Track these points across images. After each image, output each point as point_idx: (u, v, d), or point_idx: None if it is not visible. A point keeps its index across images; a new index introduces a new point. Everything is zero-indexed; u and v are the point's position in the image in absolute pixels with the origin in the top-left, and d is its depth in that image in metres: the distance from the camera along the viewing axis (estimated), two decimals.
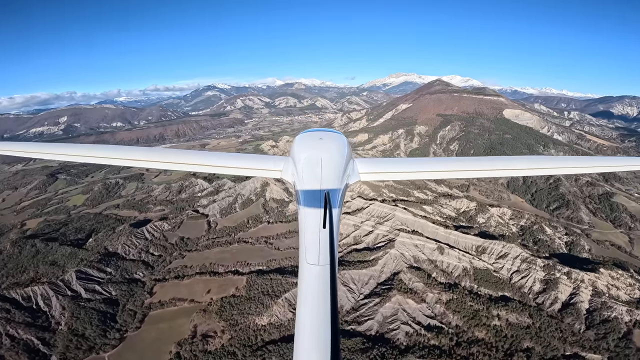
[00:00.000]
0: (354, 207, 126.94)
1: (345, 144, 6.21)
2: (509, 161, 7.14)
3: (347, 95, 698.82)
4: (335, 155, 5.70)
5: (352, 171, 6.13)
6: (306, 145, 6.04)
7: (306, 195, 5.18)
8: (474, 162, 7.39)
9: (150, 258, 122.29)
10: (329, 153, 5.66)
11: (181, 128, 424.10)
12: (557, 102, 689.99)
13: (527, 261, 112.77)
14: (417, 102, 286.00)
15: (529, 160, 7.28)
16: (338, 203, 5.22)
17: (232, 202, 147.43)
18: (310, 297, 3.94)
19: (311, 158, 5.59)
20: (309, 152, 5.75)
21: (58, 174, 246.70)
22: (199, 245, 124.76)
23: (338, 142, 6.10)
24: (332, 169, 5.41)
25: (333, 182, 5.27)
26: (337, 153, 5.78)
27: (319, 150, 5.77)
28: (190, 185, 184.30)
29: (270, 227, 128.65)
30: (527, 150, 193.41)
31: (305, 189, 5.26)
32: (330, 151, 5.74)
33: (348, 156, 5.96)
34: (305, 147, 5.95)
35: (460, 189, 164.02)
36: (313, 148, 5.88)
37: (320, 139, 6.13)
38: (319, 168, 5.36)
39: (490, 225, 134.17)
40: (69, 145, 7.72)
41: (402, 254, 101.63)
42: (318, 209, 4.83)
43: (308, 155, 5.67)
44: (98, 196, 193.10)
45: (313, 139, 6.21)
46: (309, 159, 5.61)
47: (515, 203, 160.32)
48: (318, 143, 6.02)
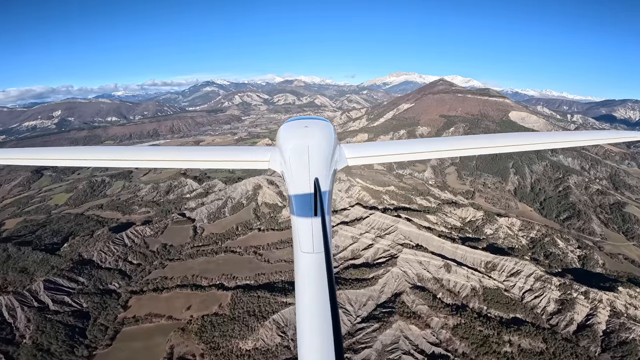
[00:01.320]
0: (353, 217, 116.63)
1: (331, 130, 6.08)
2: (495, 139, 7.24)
3: (347, 94, 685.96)
4: (322, 142, 5.60)
5: (340, 157, 6.04)
6: (292, 133, 5.94)
7: (295, 184, 5.03)
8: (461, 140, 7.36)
9: (128, 267, 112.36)
10: (316, 140, 5.58)
11: (176, 124, 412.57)
12: (559, 105, 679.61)
13: (542, 280, 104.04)
14: (419, 102, 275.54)
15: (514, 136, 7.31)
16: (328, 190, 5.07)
17: (221, 205, 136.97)
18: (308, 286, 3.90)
19: (298, 146, 5.48)
20: (295, 141, 5.64)
21: (44, 169, 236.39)
22: (182, 253, 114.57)
23: (324, 129, 6.00)
24: (320, 156, 5.32)
25: (321, 169, 5.17)
26: (324, 140, 5.67)
27: (305, 138, 5.67)
28: (179, 185, 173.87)
29: (261, 235, 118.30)
30: (535, 155, 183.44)
31: (293, 177, 5.13)
32: (317, 138, 5.65)
33: (334, 142, 5.87)
34: (291, 136, 5.84)
35: (465, 196, 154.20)
36: (299, 136, 5.77)
37: (306, 126, 6.03)
38: (306, 156, 5.26)
39: (498, 237, 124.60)
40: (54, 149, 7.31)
41: (404, 272, 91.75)
42: (308, 197, 4.75)
43: (295, 144, 5.56)
44: (82, 195, 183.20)
45: (299, 126, 6.10)
46: (295, 147, 5.49)
47: (524, 212, 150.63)
48: (304, 131, 5.92)
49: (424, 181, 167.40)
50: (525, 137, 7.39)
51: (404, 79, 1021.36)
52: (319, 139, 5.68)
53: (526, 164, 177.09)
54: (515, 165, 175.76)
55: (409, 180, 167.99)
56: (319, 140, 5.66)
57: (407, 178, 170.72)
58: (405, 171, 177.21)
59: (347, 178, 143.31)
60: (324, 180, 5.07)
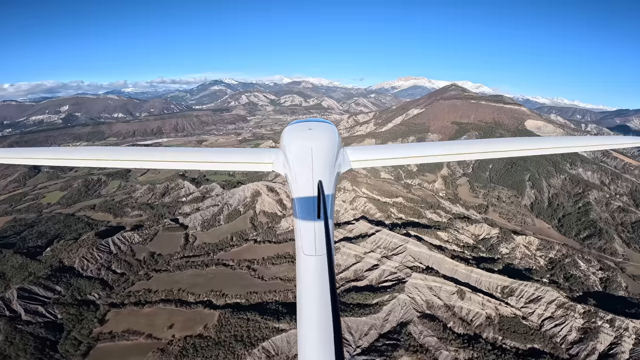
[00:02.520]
0: (357, 232, 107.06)
1: (335, 133, 6.06)
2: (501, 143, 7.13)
3: (355, 97, 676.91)
4: (326, 145, 5.56)
5: (343, 160, 6.03)
6: (296, 135, 5.92)
7: (298, 187, 5.05)
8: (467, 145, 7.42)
9: (111, 276, 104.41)
10: (319, 142, 5.55)
11: (180, 122, 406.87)
12: (572, 114, 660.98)
13: (565, 307, 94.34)
14: (430, 108, 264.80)
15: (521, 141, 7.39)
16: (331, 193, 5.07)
17: (216, 212, 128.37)
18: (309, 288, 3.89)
19: (301, 148, 5.46)
20: (299, 143, 5.63)
21: (41, 165, 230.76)
22: (170, 264, 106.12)
23: (328, 132, 5.97)
24: (323, 159, 5.30)
25: (325, 171, 5.16)
26: (328, 142, 5.64)
27: (309, 140, 5.64)
28: (175, 188, 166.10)
29: (256, 247, 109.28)
30: (553, 167, 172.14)
31: (297, 180, 5.15)
32: (321, 140, 5.62)
33: (338, 145, 5.86)
34: (295, 138, 5.83)
35: (477, 210, 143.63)
36: (303, 138, 5.76)
37: (310, 129, 6.00)
38: (309, 158, 5.24)
39: (515, 257, 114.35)
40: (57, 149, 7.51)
41: (412, 298, 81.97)
42: (311, 200, 4.75)
43: (298, 146, 5.55)
44: (75, 194, 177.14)
45: (302, 129, 6.07)
46: (299, 149, 5.48)
47: (541, 229, 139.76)
48: (307, 133, 5.90)
49: (434, 193, 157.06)
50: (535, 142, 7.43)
51: (413, 84, 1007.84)
52: (323, 142, 5.59)
53: (543, 177, 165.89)
54: (531, 178, 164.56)
55: (418, 191, 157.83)
56: (323, 142, 5.58)
57: (416, 188, 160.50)
58: (414, 181, 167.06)
59: (352, 188, 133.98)
60: (328, 183, 5.00)
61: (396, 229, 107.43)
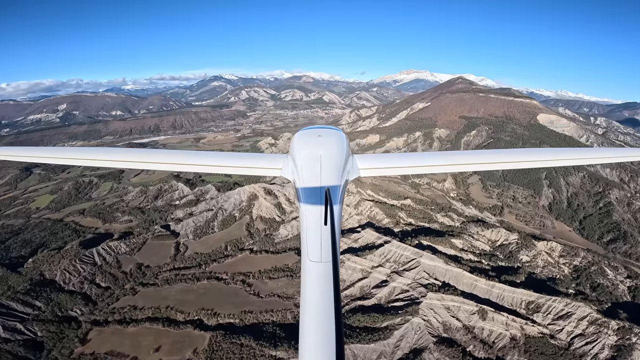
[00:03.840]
0: (363, 242, 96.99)
1: (345, 140, 6.11)
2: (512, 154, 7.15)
3: (357, 91, 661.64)
4: (335, 152, 5.60)
5: (352, 167, 6.02)
6: (305, 142, 5.97)
7: (306, 193, 5.07)
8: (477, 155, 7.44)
9: (94, 291, 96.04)
10: (328, 150, 5.59)
11: (178, 119, 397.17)
12: (579, 107, 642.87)
13: (597, 323, 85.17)
14: (436, 101, 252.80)
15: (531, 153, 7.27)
16: (339, 199, 5.09)
17: (210, 218, 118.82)
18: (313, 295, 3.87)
19: (310, 155, 5.49)
20: (308, 150, 5.66)
21: (35, 167, 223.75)
22: (158, 277, 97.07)
23: (337, 139, 6.01)
24: (332, 166, 5.32)
25: (333, 178, 5.17)
26: (336, 149, 5.68)
27: (318, 147, 5.68)
28: (169, 190, 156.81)
29: (252, 258, 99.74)
30: (572, 165, 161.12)
31: (305, 186, 5.17)
32: (330, 148, 5.66)
33: (347, 152, 5.89)
34: (304, 145, 5.89)
35: (492, 212, 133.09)
36: (312, 145, 5.80)
37: (319, 136, 6.05)
38: (318, 165, 5.27)
39: (536, 266, 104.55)
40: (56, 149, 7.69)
41: (427, 321, 72.16)
42: (319, 206, 4.72)
43: (307, 153, 5.58)
44: (65, 198, 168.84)
45: (312, 136, 6.12)
46: (308, 156, 5.51)
47: (562, 232, 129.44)
48: (317, 140, 5.94)
49: (444, 193, 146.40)
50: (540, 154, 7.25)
51: (415, 77, 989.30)
52: (332, 149, 5.63)
53: (561, 175, 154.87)
54: (548, 176, 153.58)
55: (427, 191, 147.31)
56: (332, 150, 5.61)
57: (425, 188, 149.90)
58: (422, 180, 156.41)
59: (357, 190, 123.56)
60: (336, 191, 5.03)
61: (407, 240, 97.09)
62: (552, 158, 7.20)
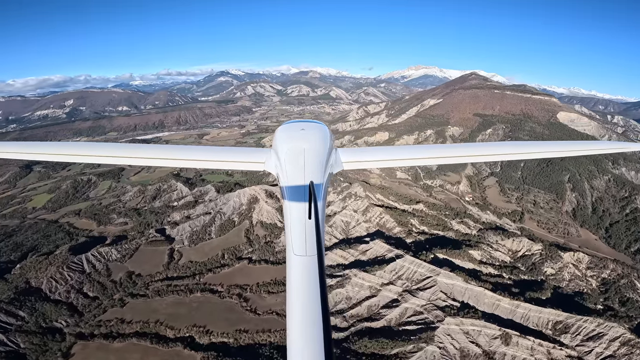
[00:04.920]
0: (372, 254, 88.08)
1: (328, 134, 6.07)
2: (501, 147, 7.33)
3: (364, 86, 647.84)
4: (318, 146, 5.54)
5: (335, 161, 6.05)
6: (288, 136, 5.92)
7: (290, 187, 5.04)
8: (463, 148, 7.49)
9: (81, 301, 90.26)
10: (312, 144, 5.53)
11: (183, 115, 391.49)
12: (594, 104, 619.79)
13: (630, 344, 77.30)
14: (448, 98, 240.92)
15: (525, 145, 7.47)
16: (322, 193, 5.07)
17: (207, 223, 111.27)
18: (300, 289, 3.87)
19: (294, 149, 5.43)
20: (291, 144, 5.59)
21: (36, 164, 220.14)
22: (149, 288, 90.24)
23: (320, 133, 5.98)
24: (315, 160, 5.28)
25: (316, 172, 5.13)
26: (320, 143, 5.64)
27: (301, 141, 5.61)
28: (168, 190, 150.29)
29: (251, 269, 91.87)
30: (595, 167, 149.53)
31: (288, 180, 5.12)
32: (313, 142, 5.60)
33: (330, 146, 5.86)
34: (287, 138, 5.82)
35: (511, 218, 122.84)
36: (295, 139, 5.73)
37: (302, 129, 6.03)
38: (302, 159, 5.22)
39: (562, 279, 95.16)
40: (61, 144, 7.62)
41: (443, 348, 63.45)
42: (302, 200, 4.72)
43: (290, 147, 5.52)
44: (62, 197, 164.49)
45: (295, 129, 6.08)
46: (291, 150, 5.44)
47: (588, 241, 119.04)
48: (300, 134, 5.91)
49: (458, 196, 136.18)
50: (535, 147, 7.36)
51: (424, 73, 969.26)
52: (315, 143, 5.57)
53: (585, 178, 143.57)
54: (572, 179, 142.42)
55: (440, 194, 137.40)
56: (315, 143, 5.56)
57: (438, 191, 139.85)
58: (434, 182, 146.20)
59: (365, 194, 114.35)
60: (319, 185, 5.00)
61: (421, 254, 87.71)
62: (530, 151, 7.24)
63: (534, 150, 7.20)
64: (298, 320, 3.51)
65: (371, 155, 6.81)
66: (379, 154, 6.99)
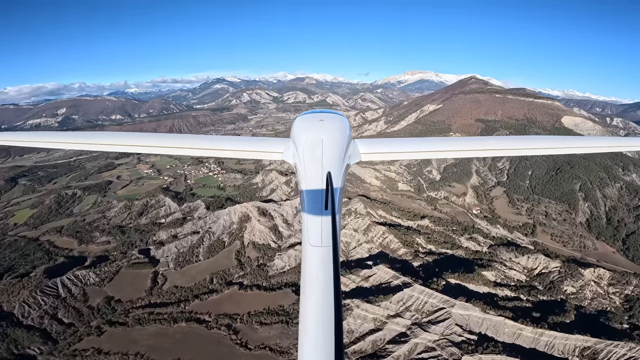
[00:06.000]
0: (375, 281, 79.28)
1: (346, 124, 5.94)
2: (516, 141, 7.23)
3: (361, 92, 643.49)
4: (336, 136, 5.45)
5: (353, 152, 5.98)
6: (307, 126, 5.82)
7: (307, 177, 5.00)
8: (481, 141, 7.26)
9: (55, 327, 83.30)
10: (330, 134, 5.42)
11: (177, 123, 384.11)
12: (592, 107, 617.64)
13: None
14: (448, 103, 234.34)
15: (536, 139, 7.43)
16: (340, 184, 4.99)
17: (195, 243, 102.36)
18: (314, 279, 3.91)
19: (312, 139, 5.33)
20: (309, 133, 5.49)
21: (22, 177, 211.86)
22: (130, 315, 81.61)
23: (339, 123, 5.85)
24: (333, 150, 5.20)
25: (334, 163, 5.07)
26: (338, 134, 5.53)
27: (319, 131, 5.51)
28: (155, 205, 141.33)
29: (242, 296, 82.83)
30: (606, 174, 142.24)
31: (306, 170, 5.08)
32: (331, 132, 5.50)
33: (349, 137, 5.75)
34: (305, 128, 5.71)
35: (522, 231, 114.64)
36: (314, 129, 5.63)
37: (321, 120, 5.90)
38: (319, 149, 5.14)
39: (584, 298, 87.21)
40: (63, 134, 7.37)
41: None
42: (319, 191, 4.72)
43: (309, 137, 5.41)
44: (45, 213, 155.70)
45: (313, 120, 5.98)
46: (309, 140, 5.35)
47: (606, 255, 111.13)
48: (318, 124, 5.80)
49: (465, 209, 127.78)
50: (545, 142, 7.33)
51: (420, 78, 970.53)
52: (334, 133, 5.47)
53: (596, 186, 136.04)
54: (583, 187, 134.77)
55: (446, 207, 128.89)
56: (334, 134, 5.44)
57: (443, 204, 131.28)
58: (438, 194, 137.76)
59: (366, 211, 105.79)
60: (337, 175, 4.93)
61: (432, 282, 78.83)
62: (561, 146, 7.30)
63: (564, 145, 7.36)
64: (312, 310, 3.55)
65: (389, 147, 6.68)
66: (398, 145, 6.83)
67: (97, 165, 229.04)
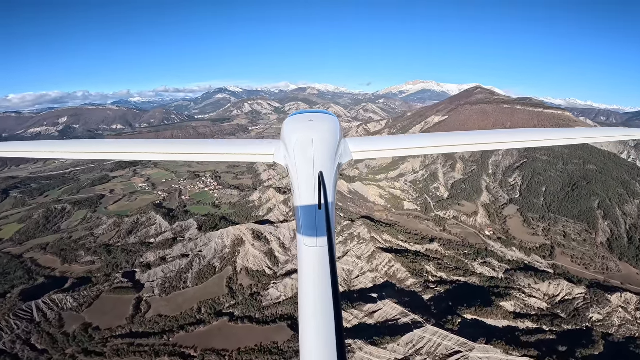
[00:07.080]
0: (381, 317, 70.61)
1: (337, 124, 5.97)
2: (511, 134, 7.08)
3: (363, 102, 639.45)
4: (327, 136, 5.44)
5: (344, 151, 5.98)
6: (297, 126, 5.81)
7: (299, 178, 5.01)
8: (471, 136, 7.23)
9: (27, 354, 77.26)
10: (321, 133, 5.42)
11: (176, 134, 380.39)
12: (596, 115, 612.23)
13: None
14: (454, 115, 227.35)
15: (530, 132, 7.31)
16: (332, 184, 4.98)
17: (184, 268, 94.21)
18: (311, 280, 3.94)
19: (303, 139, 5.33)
20: (300, 134, 5.49)
21: (15, 188, 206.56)
22: (107, 345, 73.79)
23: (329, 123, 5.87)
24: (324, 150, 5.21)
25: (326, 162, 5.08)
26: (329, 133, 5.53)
27: (310, 131, 5.52)
28: (146, 223, 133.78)
29: (232, 329, 74.22)
30: (624, 189, 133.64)
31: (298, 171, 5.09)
32: (322, 132, 5.50)
33: (339, 136, 5.76)
34: (296, 129, 5.71)
35: (540, 253, 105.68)
36: (304, 129, 5.64)
37: (311, 120, 5.91)
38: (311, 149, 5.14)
39: (611, 325, 78.32)
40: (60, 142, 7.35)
41: None
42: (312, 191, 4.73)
43: (299, 137, 5.41)
44: (32, 228, 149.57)
45: (303, 120, 5.99)
46: (300, 140, 5.35)
47: (630, 276, 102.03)
48: (309, 124, 5.80)
49: (476, 230, 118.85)
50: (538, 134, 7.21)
51: (421, 88, 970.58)
52: (324, 133, 5.45)
53: (616, 203, 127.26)
54: (602, 205, 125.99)
55: (455, 227, 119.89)
56: (324, 134, 5.43)
57: (452, 224, 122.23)
58: (447, 213, 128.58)
59: (370, 236, 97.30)
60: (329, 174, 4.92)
61: (447, 321, 70.23)
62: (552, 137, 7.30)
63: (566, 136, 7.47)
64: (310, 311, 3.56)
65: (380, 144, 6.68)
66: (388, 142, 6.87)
67: (91, 178, 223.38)
